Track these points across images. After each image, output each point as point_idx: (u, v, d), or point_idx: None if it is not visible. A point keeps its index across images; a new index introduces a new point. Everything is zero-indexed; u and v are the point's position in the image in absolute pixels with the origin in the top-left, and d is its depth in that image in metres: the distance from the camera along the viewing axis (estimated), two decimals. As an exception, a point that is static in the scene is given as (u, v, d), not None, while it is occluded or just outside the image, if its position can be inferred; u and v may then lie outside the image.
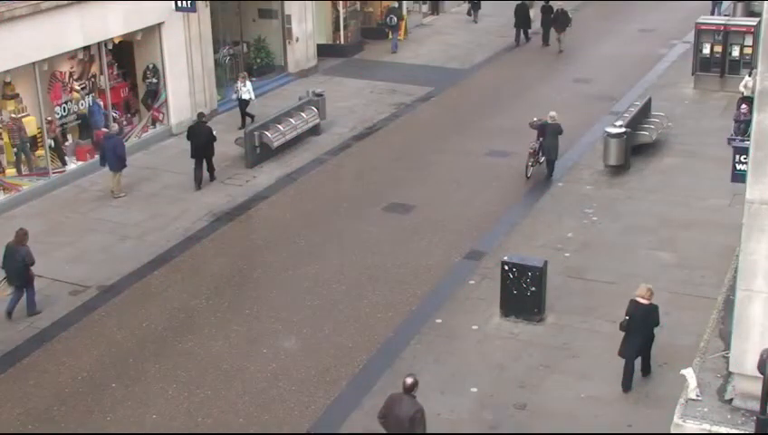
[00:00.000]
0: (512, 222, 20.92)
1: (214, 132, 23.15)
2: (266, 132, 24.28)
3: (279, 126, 24.79)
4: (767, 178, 10.18)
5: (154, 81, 25.91)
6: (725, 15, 33.17)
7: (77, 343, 16.47)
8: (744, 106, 23.62)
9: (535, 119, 23.51)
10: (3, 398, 14.95)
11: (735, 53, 28.77)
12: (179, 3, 25.19)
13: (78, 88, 23.61)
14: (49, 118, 22.71)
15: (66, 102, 23.35)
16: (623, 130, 23.05)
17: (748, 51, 28.22)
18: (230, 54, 30.40)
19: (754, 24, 27.70)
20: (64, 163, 23.26)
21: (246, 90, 26.56)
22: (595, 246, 19.58)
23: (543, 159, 23.10)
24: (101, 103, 24.23)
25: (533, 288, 16.48)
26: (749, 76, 25.35)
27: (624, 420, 14.16)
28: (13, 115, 21.80)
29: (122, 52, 25.06)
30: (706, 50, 29.12)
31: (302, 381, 15.33)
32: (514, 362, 15.69)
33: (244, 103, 26.77)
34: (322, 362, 15.82)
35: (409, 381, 12.39)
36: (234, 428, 14.27)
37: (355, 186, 23.12)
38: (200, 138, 22.78)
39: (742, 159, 17.29)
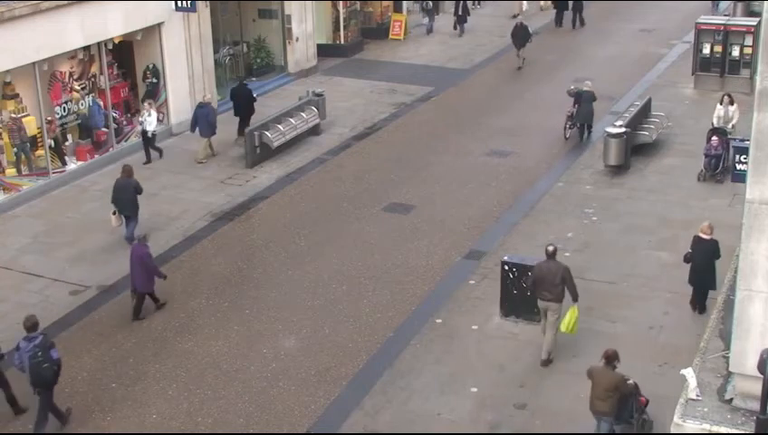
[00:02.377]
0: (512, 222, 20.91)
1: (254, 94, 26.02)
2: (266, 132, 24.29)
3: (279, 126, 24.80)
4: (767, 178, 10.20)
5: (154, 81, 25.92)
6: (725, 15, 33.11)
7: (77, 343, 16.47)
8: (714, 139, 22.50)
9: (572, 87, 26.21)
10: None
11: (735, 52, 28.76)
12: (179, 3, 25.22)
13: (78, 88, 23.61)
14: (49, 118, 22.70)
15: (66, 102, 23.33)
16: (623, 130, 23.06)
17: (748, 51, 28.23)
18: (230, 54, 30.41)
19: (754, 24, 27.68)
20: (64, 163, 23.26)
21: (151, 120, 23.61)
22: (595, 246, 19.57)
23: (577, 124, 25.51)
24: (101, 103, 24.23)
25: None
26: (720, 105, 24.18)
27: (624, 420, 14.15)
28: (13, 115, 21.78)
29: (122, 52, 25.06)
30: (706, 50, 29.11)
31: (302, 381, 15.33)
32: (514, 362, 15.68)
33: (148, 136, 23.82)
34: (322, 362, 15.82)
35: (551, 248, 15.50)
36: (234, 428, 14.27)
37: (355, 186, 23.11)
38: (241, 98, 25.69)
39: (742, 159, 17.30)
